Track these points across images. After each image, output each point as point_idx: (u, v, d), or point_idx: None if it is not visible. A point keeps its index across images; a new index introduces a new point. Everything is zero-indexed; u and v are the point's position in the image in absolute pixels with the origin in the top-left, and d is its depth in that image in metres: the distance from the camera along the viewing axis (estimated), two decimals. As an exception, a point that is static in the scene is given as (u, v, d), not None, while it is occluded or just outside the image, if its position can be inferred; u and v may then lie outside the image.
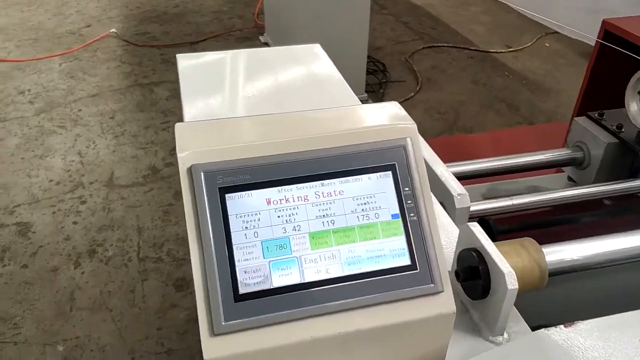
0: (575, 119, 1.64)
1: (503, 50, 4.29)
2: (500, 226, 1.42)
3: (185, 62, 1.35)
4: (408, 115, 0.71)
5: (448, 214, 1.11)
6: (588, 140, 1.58)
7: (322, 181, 0.67)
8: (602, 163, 1.55)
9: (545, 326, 0.93)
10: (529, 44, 4.39)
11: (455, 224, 1.04)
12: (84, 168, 2.81)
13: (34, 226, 2.47)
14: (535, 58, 4.23)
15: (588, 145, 1.59)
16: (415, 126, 0.69)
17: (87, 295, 2.16)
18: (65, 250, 2.35)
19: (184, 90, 1.24)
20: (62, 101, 3.35)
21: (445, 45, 4.32)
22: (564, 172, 1.79)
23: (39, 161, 2.86)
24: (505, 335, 0.81)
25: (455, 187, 1.21)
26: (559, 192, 1.46)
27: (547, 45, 4.42)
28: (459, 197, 1.19)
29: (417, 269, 0.68)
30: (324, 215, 0.67)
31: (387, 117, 0.72)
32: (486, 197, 1.65)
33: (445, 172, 1.24)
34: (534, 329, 0.84)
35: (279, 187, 0.66)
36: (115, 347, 1.99)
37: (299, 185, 0.67)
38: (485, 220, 1.41)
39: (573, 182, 1.70)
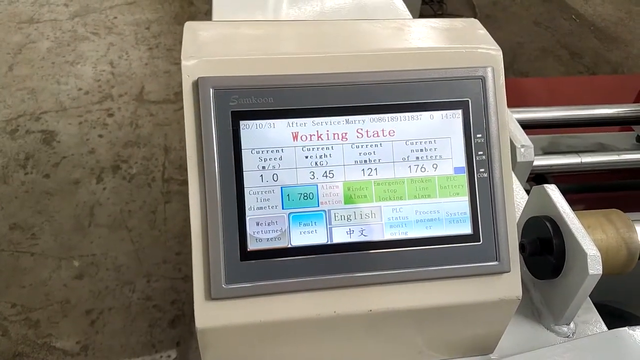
0: None
1: (573, -9, 3.91)
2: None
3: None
4: (491, 38, 0.54)
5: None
6: (669, 95, 1.36)
7: (368, 115, 0.51)
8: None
9: (603, 304, 0.77)
10: (603, -14, 4.00)
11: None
12: (114, 79, 2.68)
13: (59, 135, 2.37)
14: (607, 3, 3.85)
15: (668, 101, 1.36)
16: (500, 53, 0.52)
17: (107, 212, 2.08)
18: (88, 163, 2.26)
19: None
20: (98, 6, 3.19)
21: (510, -20, 3.95)
22: (633, 130, 1.57)
23: (69, 68, 2.73)
24: (572, 325, 0.66)
25: (519, 137, 1.03)
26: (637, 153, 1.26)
27: (623, -11, 4.02)
28: (522, 149, 1.01)
29: (479, 241, 0.52)
30: (365, 161, 0.51)
31: (463, 37, 0.54)
32: (546, 151, 1.46)
33: (508, 117, 1.06)
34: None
35: (311, 119, 0.51)
36: (132, 268, 1.92)
37: (338, 119, 0.51)
38: (543, 178, 1.24)
39: (641, 144, 1.49)
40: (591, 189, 1.40)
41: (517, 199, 0.81)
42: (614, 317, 0.76)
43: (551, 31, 3.51)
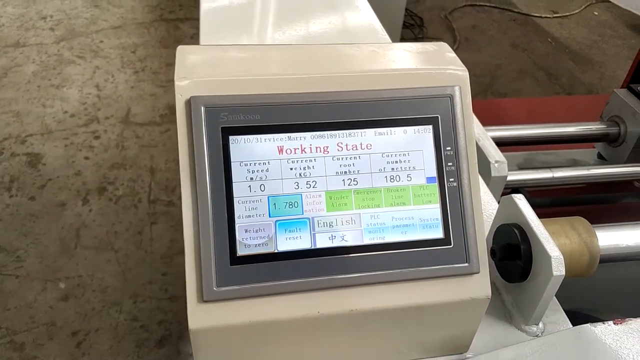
0: (615, 90, 1.44)
1: (548, 16, 4.05)
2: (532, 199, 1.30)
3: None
4: (458, 59, 0.59)
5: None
6: (626, 115, 1.39)
7: (347, 130, 0.56)
8: (638, 141, 1.37)
9: (574, 311, 0.82)
10: (577, 11, 4.14)
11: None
12: (100, 102, 2.72)
13: (45, 158, 2.40)
14: (581, 27, 3.99)
15: (625, 121, 1.40)
16: (467, 73, 0.57)
17: (93, 233, 2.10)
18: (74, 185, 2.28)
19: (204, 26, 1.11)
20: (84, 30, 3.23)
21: (488, 5, 4.08)
22: (594, 147, 1.63)
23: (55, 91, 2.77)
24: (541, 325, 0.71)
25: (493, 153, 1.09)
26: (605, 168, 1.32)
27: (596, 14, 4.17)
28: (496, 164, 1.07)
29: (450, 244, 0.57)
30: (345, 172, 0.56)
31: (433, 59, 0.60)
32: (521, 167, 1.52)
33: (483, 135, 1.12)
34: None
35: (295, 134, 0.55)
36: (118, 289, 1.93)
37: (319, 134, 0.56)
38: (519, 192, 1.29)
39: (602, 160, 1.55)
40: (563, 203, 1.46)
41: (490, 209, 0.86)
42: (584, 322, 0.80)
43: (528, 53, 3.62)
